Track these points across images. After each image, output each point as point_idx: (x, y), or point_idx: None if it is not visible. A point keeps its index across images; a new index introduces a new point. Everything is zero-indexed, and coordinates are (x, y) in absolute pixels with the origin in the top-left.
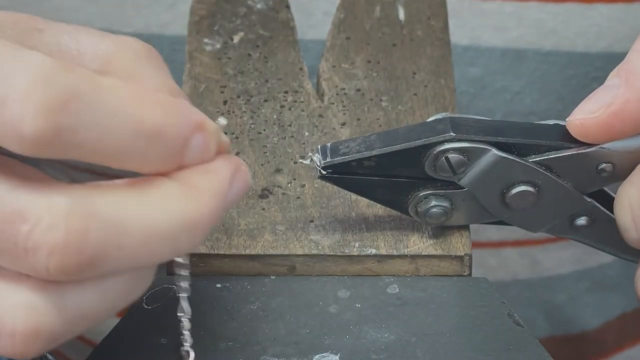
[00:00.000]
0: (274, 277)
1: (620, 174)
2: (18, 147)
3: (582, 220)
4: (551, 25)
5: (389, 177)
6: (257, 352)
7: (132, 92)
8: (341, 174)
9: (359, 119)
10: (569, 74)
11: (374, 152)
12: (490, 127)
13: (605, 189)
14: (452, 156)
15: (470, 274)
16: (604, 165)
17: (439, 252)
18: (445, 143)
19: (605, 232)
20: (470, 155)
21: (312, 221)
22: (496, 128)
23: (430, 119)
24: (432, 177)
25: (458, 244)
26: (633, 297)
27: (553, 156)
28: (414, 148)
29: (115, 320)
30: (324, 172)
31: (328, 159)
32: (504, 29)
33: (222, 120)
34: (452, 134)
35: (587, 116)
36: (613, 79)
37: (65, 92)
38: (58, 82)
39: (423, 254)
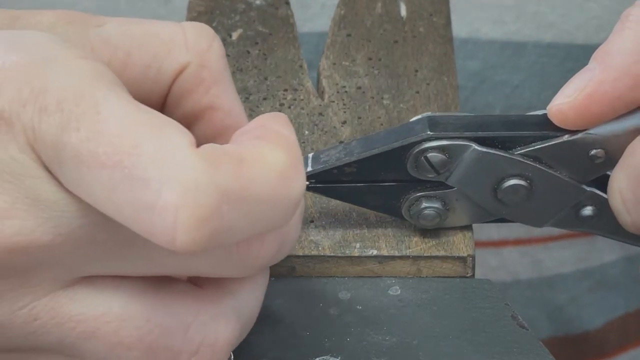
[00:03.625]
0: (274, 278)
1: (615, 159)
2: (171, 250)
3: (587, 211)
4: (550, 18)
5: (376, 182)
6: (256, 354)
7: (278, 173)
8: (326, 183)
9: (359, 118)
10: (569, 66)
11: (353, 158)
12: (471, 123)
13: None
14: (432, 155)
15: (473, 275)
16: (594, 151)
17: (442, 253)
18: (423, 142)
19: (613, 221)
20: (450, 153)
21: (312, 221)
22: (477, 123)
23: (412, 119)
24: (419, 179)
25: (461, 245)
26: (635, 297)
27: (539, 146)
28: (392, 150)
29: None
30: (308, 183)
31: (309, 169)
32: (503, 21)
33: None
34: (428, 132)
35: (564, 101)
36: (591, 62)
37: (216, 197)
38: (208, 188)
39: (425, 255)
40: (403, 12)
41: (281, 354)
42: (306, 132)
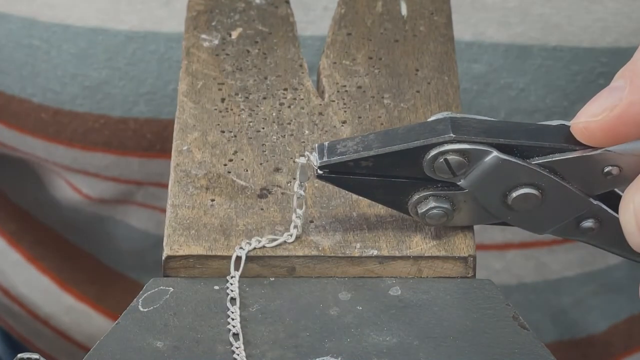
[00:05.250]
0: (273, 278)
1: (627, 177)
2: None
3: (588, 223)
4: (556, 20)
5: (388, 177)
6: (256, 355)
7: None
8: (338, 173)
9: (360, 117)
10: (575, 69)
11: (372, 153)
12: (493, 128)
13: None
14: (452, 158)
15: (474, 276)
16: (609, 168)
17: (442, 253)
18: (445, 144)
19: (613, 234)
20: (470, 157)
21: (312, 221)
22: (499, 129)
23: (432, 118)
24: (431, 178)
25: (462, 245)
26: None
27: (557, 158)
28: (412, 149)
29: (111, 324)
30: (320, 172)
31: (325, 159)
32: (508, 24)
33: None
34: (451, 135)
35: (590, 119)
36: (618, 80)
37: None
38: None
39: (426, 255)
40: (404, 10)
41: (281, 354)
42: (306, 132)
